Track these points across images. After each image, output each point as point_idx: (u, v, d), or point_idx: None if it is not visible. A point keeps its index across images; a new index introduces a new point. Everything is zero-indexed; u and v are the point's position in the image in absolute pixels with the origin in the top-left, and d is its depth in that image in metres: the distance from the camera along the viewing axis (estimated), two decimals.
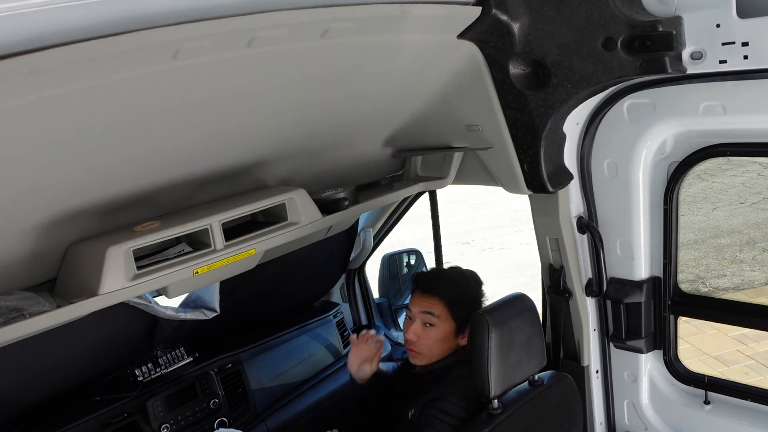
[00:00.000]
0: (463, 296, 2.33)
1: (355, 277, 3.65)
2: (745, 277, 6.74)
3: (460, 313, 2.29)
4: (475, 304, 2.35)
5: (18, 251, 1.68)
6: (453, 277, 2.41)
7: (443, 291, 2.30)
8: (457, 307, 2.29)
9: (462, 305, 2.30)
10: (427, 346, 2.29)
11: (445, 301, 2.28)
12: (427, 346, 2.29)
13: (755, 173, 9.19)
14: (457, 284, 2.36)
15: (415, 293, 2.36)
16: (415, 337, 2.28)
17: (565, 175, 2.25)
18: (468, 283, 2.40)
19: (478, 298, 2.38)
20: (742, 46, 1.70)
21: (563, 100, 1.98)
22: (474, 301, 2.36)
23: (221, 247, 1.86)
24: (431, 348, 2.29)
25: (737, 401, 2.31)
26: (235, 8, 1.34)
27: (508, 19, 1.89)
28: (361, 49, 1.74)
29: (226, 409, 2.73)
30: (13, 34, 1.10)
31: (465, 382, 2.19)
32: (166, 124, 1.59)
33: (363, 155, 2.43)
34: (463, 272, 2.44)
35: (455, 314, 2.28)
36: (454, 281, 2.37)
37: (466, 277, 2.42)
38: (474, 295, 2.38)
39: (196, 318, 2.71)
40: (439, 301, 2.28)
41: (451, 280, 2.38)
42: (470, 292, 2.37)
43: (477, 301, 2.37)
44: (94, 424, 2.40)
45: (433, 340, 2.28)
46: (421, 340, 2.28)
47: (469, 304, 2.32)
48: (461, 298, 2.32)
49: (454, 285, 2.35)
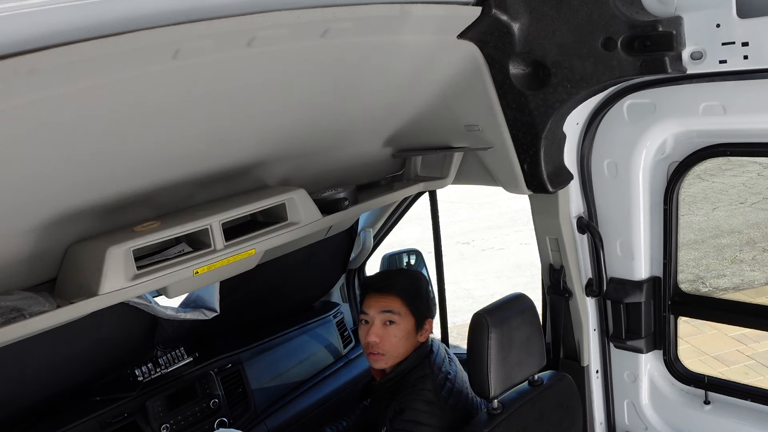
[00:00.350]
0: (419, 290, 2.34)
1: (355, 277, 3.65)
2: (745, 277, 6.74)
3: (418, 307, 2.30)
4: (429, 299, 2.39)
5: (18, 251, 1.68)
6: (405, 275, 2.45)
7: (399, 287, 2.30)
8: (416, 301, 2.30)
9: (419, 299, 2.31)
10: (391, 344, 2.26)
11: (403, 296, 2.28)
12: (391, 344, 2.26)
13: (755, 173, 9.19)
14: (410, 280, 2.38)
15: (369, 296, 2.32)
16: (378, 338, 2.25)
17: (565, 175, 2.25)
18: (419, 278, 2.43)
19: (430, 292, 2.42)
20: (742, 46, 1.70)
21: (563, 100, 1.98)
22: (428, 295, 2.38)
23: (221, 247, 1.86)
24: (395, 347, 2.26)
25: (737, 401, 2.31)
26: (235, 8, 1.34)
27: (508, 19, 1.89)
28: (361, 49, 1.75)
29: (226, 409, 2.73)
30: (13, 34, 1.10)
31: (426, 382, 2.19)
32: (166, 124, 1.59)
33: (363, 155, 2.43)
34: (410, 271, 2.50)
35: (414, 309, 2.29)
36: (407, 278, 2.40)
37: (415, 274, 2.47)
38: (426, 289, 2.39)
39: (196, 318, 2.71)
40: (397, 298, 2.27)
41: (403, 276, 2.41)
42: (424, 286, 2.39)
43: (430, 296, 2.41)
44: (94, 424, 2.40)
45: (397, 338, 2.26)
46: (384, 339, 2.25)
47: (425, 298, 2.35)
48: (417, 292, 2.33)
49: (408, 280, 2.37)
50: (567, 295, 2.47)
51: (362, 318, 2.33)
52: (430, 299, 2.40)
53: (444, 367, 2.31)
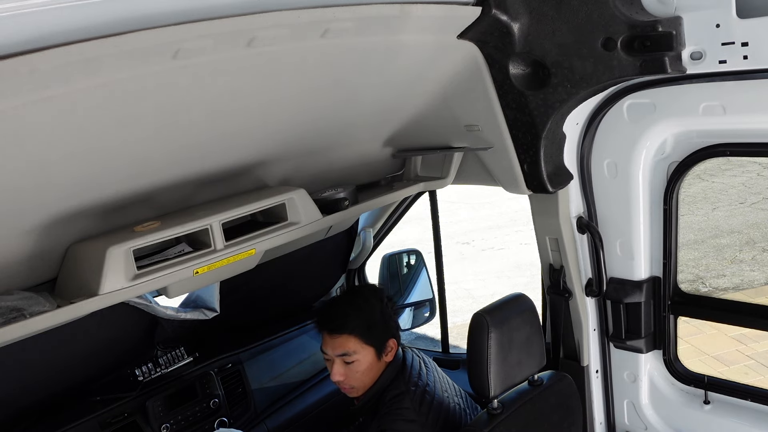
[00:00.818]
0: (371, 320, 2.27)
1: (355, 277, 3.65)
2: (744, 277, 6.74)
3: (375, 336, 2.26)
4: (387, 320, 2.31)
5: (18, 251, 1.68)
6: (354, 305, 2.31)
7: (350, 326, 2.24)
8: (369, 333, 2.25)
9: (373, 329, 2.26)
10: (356, 379, 2.26)
11: (356, 333, 2.24)
12: (357, 379, 2.26)
13: (755, 173, 9.20)
14: (361, 310, 2.28)
15: (324, 336, 2.29)
16: (342, 377, 2.25)
17: (565, 175, 2.25)
18: (369, 302, 2.32)
19: (385, 312, 2.34)
20: (741, 47, 1.71)
21: (563, 100, 1.98)
22: (383, 316, 2.31)
23: (221, 247, 1.86)
24: (361, 380, 2.26)
25: (737, 401, 2.31)
26: (235, 8, 1.34)
27: (508, 19, 1.89)
28: (361, 50, 1.75)
29: (226, 409, 2.73)
30: (13, 34, 1.10)
31: (403, 401, 2.19)
32: (166, 124, 1.59)
33: (363, 155, 2.43)
34: (362, 293, 2.38)
35: (370, 341, 2.25)
36: (357, 309, 2.29)
37: (366, 297, 2.35)
38: (381, 310, 2.32)
39: (196, 318, 2.71)
40: (350, 337, 2.24)
41: (354, 310, 2.28)
42: (376, 311, 2.30)
43: (385, 315, 2.33)
44: (94, 424, 2.40)
45: (360, 372, 2.25)
46: (348, 377, 2.26)
47: (381, 323, 2.29)
48: (370, 322, 2.26)
49: (359, 314, 2.27)
50: (567, 295, 2.47)
51: (324, 355, 2.32)
52: (387, 320, 2.32)
53: (421, 379, 2.29)
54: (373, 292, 2.41)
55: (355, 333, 2.24)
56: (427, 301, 3.55)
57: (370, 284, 2.84)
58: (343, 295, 2.40)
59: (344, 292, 2.44)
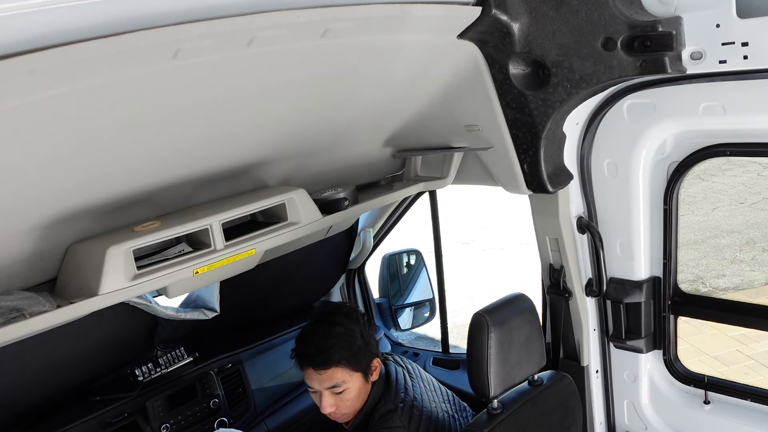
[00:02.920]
0: (354, 346, 2.20)
1: (355, 277, 3.65)
2: (744, 277, 6.74)
3: (361, 363, 2.21)
4: (367, 341, 2.24)
5: (18, 251, 1.68)
6: (334, 334, 2.20)
7: (335, 358, 2.16)
8: (356, 358, 2.19)
9: (359, 355, 2.20)
10: (347, 407, 2.22)
11: (342, 364, 2.17)
12: (348, 407, 2.22)
13: (755, 173, 9.20)
14: (342, 338, 2.19)
15: (308, 371, 2.20)
16: (333, 407, 2.20)
17: (565, 175, 2.25)
18: (348, 327, 2.22)
19: (365, 333, 2.26)
20: (741, 46, 1.70)
21: (563, 100, 1.98)
22: (364, 338, 2.23)
23: (221, 247, 1.86)
24: (352, 406, 2.23)
25: (737, 401, 2.31)
26: (235, 8, 1.34)
27: (508, 19, 1.89)
28: (361, 50, 1.75)
29: (226, 409, 2.73)
30: (13, 34, 1.10)
31: (392, 419, 2.17)
32: (166, 124, 1.59)
33: (363, 155, 2.43)
34: (339, 320, 2.24)
35: (357, 367, 2.20)
36: (339, 338, 2.19)
37: (344, 323, 2.24)
38: (360, 332, 2.24)
39: (196, 318, 2.71)
40: (337, 368, 2.17)
41: (336, 340, 2.18)
42: (356, 336, 2.22)
43: (365, 335, 2.25)
44: (94, 424, 2.40)
45: (351, 400, 2.21)
46: (339, 407, 2.21)
47: (364, 347, 2.22)
48: (354, 349, 2.19)
49: (341, 342, 2.18)
50: (567, 295, 2.47)
51: (310, 389, 2.25)
52: (368, 340, 2.24)
53: (408, 393, 2.27)
54: (347, 314, 2.29)
55: (341, 364, 2.17)
56: (427, 301, 3.56)
57: (343, 305, 2.75)
58: (318, 325, 2.24)
59: (317, 320, 2.26)
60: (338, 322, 2.24)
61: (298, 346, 2.25)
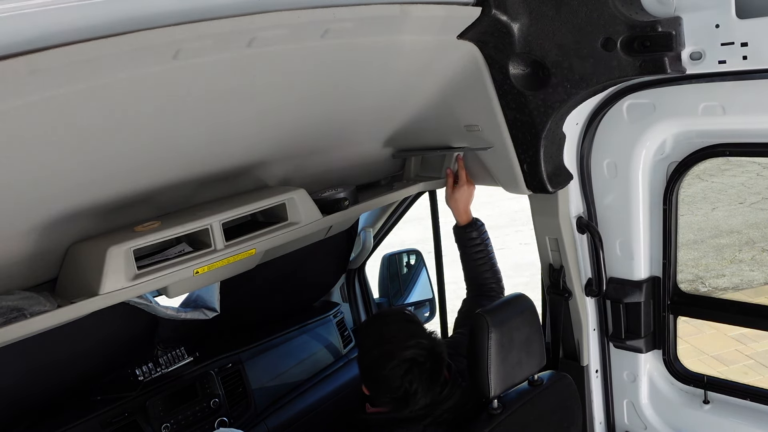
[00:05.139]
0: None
1: (355, 277, 3.65)
2: (744, 277, 6.74)
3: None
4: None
5: (19, 251, 1.68)
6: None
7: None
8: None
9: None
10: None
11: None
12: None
13: (754, 173, 9.20)
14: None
15: None
16: None
17: (565, 175, 2.25)
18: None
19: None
20: (741, 47, 1.71)
21: (563, 100, 1.98)
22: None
23: (221, 247, 1.87)
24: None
25: (736, 401, 2.31)
26: (235, 8, 1.35)
27: (507, 19, 1.89)
28: (361, 50, 1.75)
29: (226, 408, 2.73)
30: (14, 34, 1.10)
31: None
32: (167, 124, 1.59)
33: (363, 155, 2.43)
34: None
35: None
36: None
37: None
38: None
39: (197, 318, 2.71)
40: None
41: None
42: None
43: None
44: (95, 424, 2.40)
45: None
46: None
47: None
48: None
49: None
50: (567, 295, 2.48)
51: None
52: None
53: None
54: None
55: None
56: (427, 301, 3.56)
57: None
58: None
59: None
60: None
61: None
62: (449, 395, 2.09)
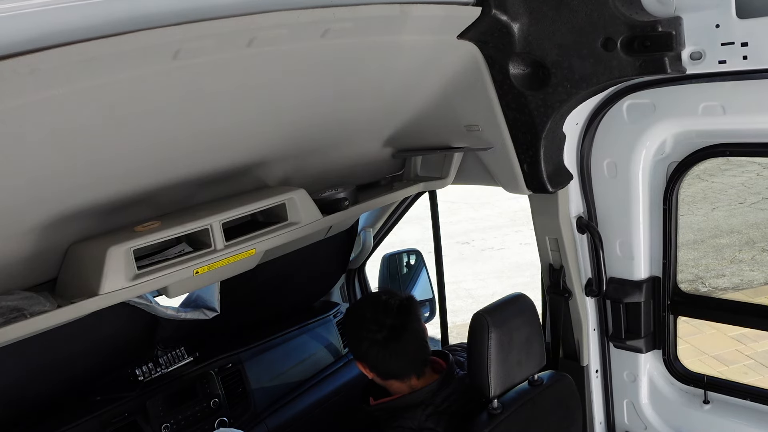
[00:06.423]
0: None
1: (355, 277, 3.65)
2: (744, 277, 6.74)
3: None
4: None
5: (18, 251, 1.68)
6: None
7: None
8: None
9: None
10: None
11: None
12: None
13: (754, 173, 9.20)
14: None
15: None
16: None
17: (565, 175, 2.25)
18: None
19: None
20: (741, 47, 1.71)
21: (563, 100, 1.98)
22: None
23: (221, 247, 1.87)
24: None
25: (736, 401, 2.31)
26: (235, 8, 1.35)
27: (507, 19, 1.89)
28: (361, 50, 1.75)
29: (226, 408, 2.73)
30: (14, 34, 1.10)
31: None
32: (167, 124, 1.59)
33: (363, 155, 2.43)
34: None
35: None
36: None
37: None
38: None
39: (197, 318, 2.71)
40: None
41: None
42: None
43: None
44: (95, 424, 2.40)
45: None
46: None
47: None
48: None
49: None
50: (567, 295, 2.48)
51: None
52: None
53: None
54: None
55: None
56: (427, 301, 3.55)
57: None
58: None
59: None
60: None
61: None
62: (445, 382, 2.17)
